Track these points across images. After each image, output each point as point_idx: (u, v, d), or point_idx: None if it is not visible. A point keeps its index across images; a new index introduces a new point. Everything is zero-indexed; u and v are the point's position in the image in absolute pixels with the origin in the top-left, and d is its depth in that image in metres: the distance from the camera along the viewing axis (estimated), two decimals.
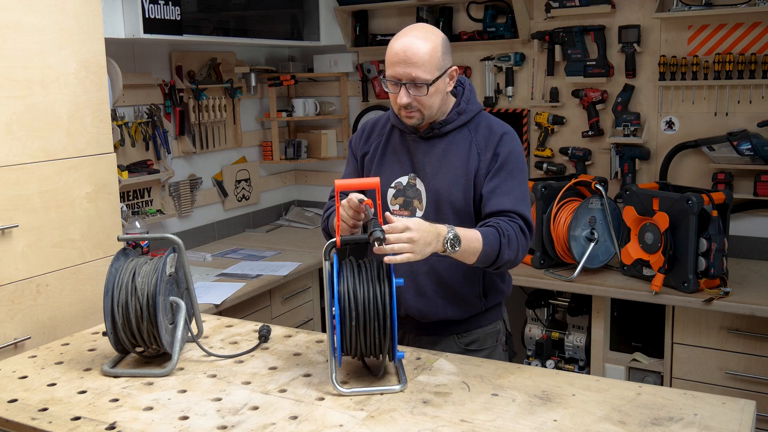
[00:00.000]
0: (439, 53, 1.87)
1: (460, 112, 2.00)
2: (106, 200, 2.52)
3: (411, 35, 1.88)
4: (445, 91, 1.94)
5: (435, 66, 1.87)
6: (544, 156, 3.82)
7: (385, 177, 2.02)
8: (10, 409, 1.63)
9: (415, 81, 1.86)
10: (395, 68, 1.87)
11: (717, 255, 2.84)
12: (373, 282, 1.63)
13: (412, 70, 1.85)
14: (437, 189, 1.97)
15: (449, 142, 1.99)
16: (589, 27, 3.57)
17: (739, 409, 1.54)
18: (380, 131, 2.11)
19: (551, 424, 1.50)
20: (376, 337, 1.63)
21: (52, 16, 2.30)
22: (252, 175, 4.26)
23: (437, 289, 2.00)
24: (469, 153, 1.97)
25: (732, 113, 3.35)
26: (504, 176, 1.94)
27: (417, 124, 1.96)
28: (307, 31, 4.09)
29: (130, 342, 1.83)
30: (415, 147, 2.01)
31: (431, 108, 1.92)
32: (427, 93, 1.88)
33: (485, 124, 2.02)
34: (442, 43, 1.90)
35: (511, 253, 1.85)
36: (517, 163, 1.97)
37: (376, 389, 1.65)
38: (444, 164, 1.97)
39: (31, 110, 2.25)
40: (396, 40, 1.89)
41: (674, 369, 2.98)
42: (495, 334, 2.14)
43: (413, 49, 1.85)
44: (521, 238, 1.89)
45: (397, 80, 1.88)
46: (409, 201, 2.01)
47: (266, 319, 3.31)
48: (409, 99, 1.88)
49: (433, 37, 1.89)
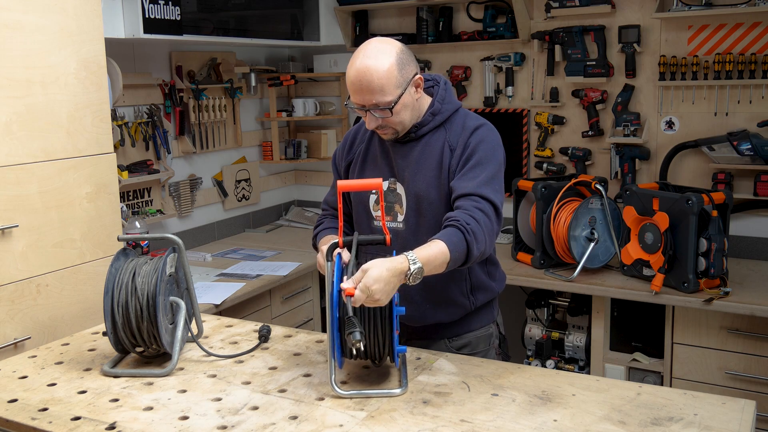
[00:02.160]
0: (395, 71, 1.80)
1: (434, 113, 1.96)
2: (106, 200, 2.52)
3: (364, 58, 1.80)
4: (413, 102, 1.89)
5: (394, 85, 1.81)
6: (544, 156, 3.82)
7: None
8: (10, 409, 1.64)
9: (378, 105, 1.82)
10: (356, 96, 1.83)
11: (717, 255, 2.84)
12: None
13: (372, 97, 1.80)
14: (416, 192, 1.95)
15: (425, 143, 1.96)
16: (589, 27, 3.57)
17: (739, 409, 1.54)
18: (362, 138, 2.08)
19: (551, 424, 1.50)
20: (376, 338, 1.63)
21: (52, 16, 2.30)
22: (252, 175, 4.26)
23: (424, 294, 1.98)
24: (442, 152, 1.94)
25: (732, 113, 3.35)
26: (471, 164, 1.89)
27: (393, 138, 1.94)
28: (307, 31, 4.09)
29: (130, 342, 1.83)
30: (394, 151, 1.98)
31: (402, 123, 1.89)
32: (393, 113, 1.84)
33: (460, 122, 1.97)
34: (397, 59, 1.81)
35: (480, 246, 1.77)
36: (486, 151, 1.91)
37: (376, 392, 1.65)
38: (420, 167, 1.95)
39: (31, 110, 2.25)
40: (351, 67, 1.82)
41: (674, 369, 2.98)
42: (487, 338, 2.11)
43: (368, 76, 1.78)
44: (486, 224, 1.80)
45: (360, 106, 1.85)
46: (390, 206, 1.99)
47: (266, 319, 3.31)
48: (376, 122, 1.86)
49: (387, 55, 1.80)
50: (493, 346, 2.13)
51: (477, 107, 3.97)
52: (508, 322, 3.58)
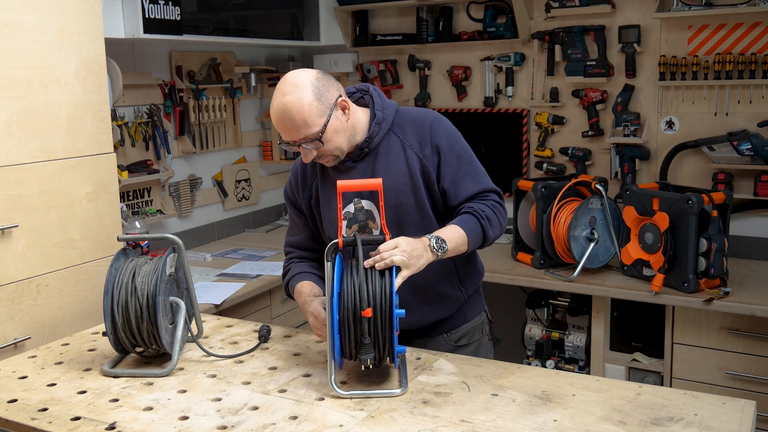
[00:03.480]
0: (314, 102, 1.78)
1: (379, 122, 1.92)
2: (106, 200, 2.52)
3: (281, 97, 1.78)
4: (345, 123, 1.86)
5: (316, 115, 1.78)
6: (544, 156, 3.82)
7: (333, 212, 1.94)
8: (10, 409, 1.63)
9: (306, 139, 1.80)
10: (283, 135, 1.82)
11: (717, 255, 2.84)
12: (373, 284, 1.62)
13: (298, 133, 1.79)
14: (388, 203, 1.88)
15: (383, 153, 1.93)
16: (589, 27, 3.57)
17: (739, 409, 1.54)
18: (312, 170, 2.02)
19: (551, 424, 1.50)
20: (376, 339, 1.63)
21: (52, 16, 2.30)
22: (252, 175, 4.26)
23: (418, 297, 1.97)
24: (406, 156, 1.91)
25: (732, 113, 3.35)
26: (455, 163, 1.92)
27: (337, 163, 1.91)
28: (307, 31, 4.09)
29: (130, 342, 1.83)
30: (353, 172, 1.93)
31: (339, 149, 1.86)
32: (324, 142, 1.81)
33: (407, 120, 1.95)
34: (313, 88, 1.79)
35: (496, 230, 1.89)
36: (458, 143, 1.95)
37: (376, 392, 1.65)
38: (387, 176, 1.89)
39: (31, 110, 2.25)
40: (272, 108, 1.81)
41: (674, 369, 2.98)
42: (480, 326, 2.14)
43: (288, 113, 1.77)
44: (498, 210, 1.92)
45: (292, 143, 1.83)
46: (363, 225, 1.94)
47: (266, 319, 3.31)
48: (312, 155, 1.84)
49: (301, 88, 1.78)
50: (485, 333, 2.17)
51: (477, 107, 3.97)
52: (509, 322, 3.59)
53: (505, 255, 3.47)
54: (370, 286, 1.61)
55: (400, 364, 1.75)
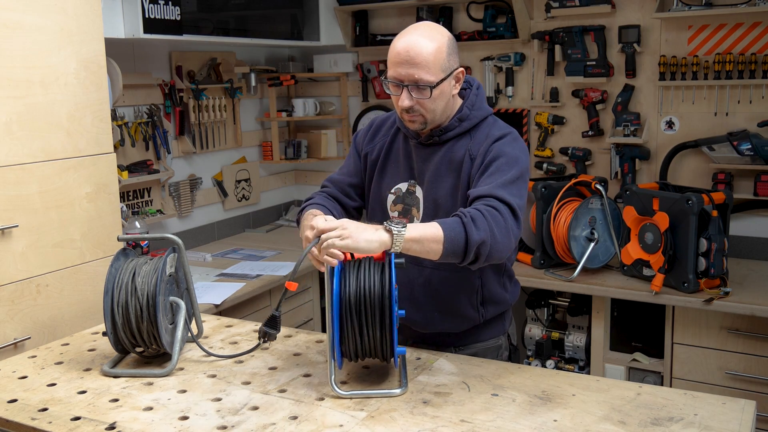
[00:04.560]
0: (444, 54, 1.76)
1: (462, 119, 1.88)
2: (106, 200, 2.52)
3: (415, 33, 1.76)
4: (450, 94, 1.83)
5: (440, 67, 1.75)
6: (544, 156, 3.82)
7: (385, 182, 1.97)
8: (10, 409, 1.63)
9: (417, 83, 1.75)
10: (397, 69, 1.76)
11: (717, 255, 2.84)
12: (373, 283, 1.62)
13: (415, 72, 1.74)
14: (434, 198, 1.89)
15: (448, 150, 1.89)
16: (589, 27, 3.57)
17: (739, 409, 1.54)
18: (386, 132, 2.02)
19: (551, 424, 1.50)
20: (376, 338, 1.63)
21: (52, 16, 2.30)
22: (252, 175, 4.26)
23: (433, 302, 1.94)
24: (463, 160, 1.87)
25: (732, 113, 3.35)
26: (490, 173, 1.79)
27: (419, 129, 1.86)
28: (307, 31, 4.09)
29: (130, 342, 1.83)
30: (416, 153, 1.93)
31: (434, 112, 1.81)
32: (431, 96, 1.76)
33: (486, 131, 1.89)
34: (448, 44, 1.78)
35: (482, 233, 1.63)
36: (507, 160, 1.80)
37: (376, 392, 1.65)
38: (441, 173, 1.89)
39: (31, 110, 2.25)
40: (399, 39, 1.77)
41: (674, 369, 2.98)
42: (495, 349, 2.05)
43: (417, 48, 1.73)
44: (495, 216, 1.67)
45: (399, 81, 1.77)
46: (407, 208, 1.94)
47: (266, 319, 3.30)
48: (411, 102, 1.78)
49: (439, 36, 1.77)
50: (502, 358, 2.06)
51: None
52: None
53: None
54: (369, 284, 1.61)
55: (400, 364, 1.75)
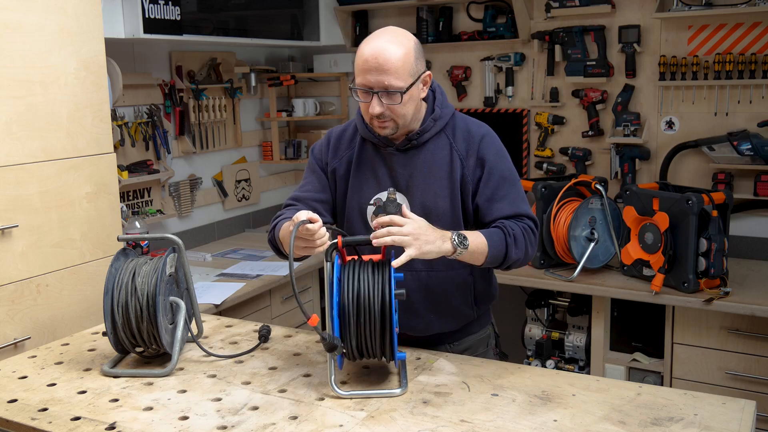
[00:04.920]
0: (412, 58, 1.76)
1: (436, 118, 1.89)
2: (106, 200, 2.52)
3: (382, 39, 1.75)
4: (418, 98, 1.83)
5: (408, 72, 1.75)
6: (544, 156, 3.82)
7: (362, 194, 1.93)
8: (10, 409, 1.63)
9: (387, 89, 1.74)
10: (366, 76, 1.74)
11: (717, 255, 2.84)
12: (373, 283, 1.62)
13: (385, 78, 1.73)
14: (423, 202, 1.88)
15: (429, 151, 1.89)
16: (589, 27, 3.57)
17: (739, 409, 1.54)
18: (349, 144, 1.97)
19: (551, 424, 1.50)
20: (376, 339, 1.63)
21: (52, 16, 2.30)
22: (252, 175, 4.26)
23: (429, 305, 1.94)
24: (451, 161, 1.88)
25: (732, 113, 3.35)
26: (496, 181, 1.87)
27: (390, 134, 1.85)
28: (307, 31, 4.09)
29: (130, 342, 1.83)
30: (393, 160, 1.90)
31: (405, 117, 1.81)
32: (401, 101, 1.76)
33: (462, 127, 1.92)
34: (415, 48, 1.78)
35: (519, 252, 1.81)
36: (505, 163, 1.90)
37: (376, 392, 1.65)
38: (427, 176, 1.88)
39: (31, 110, 2.25)
40: (365, 46, 1.76)
41: (674, 369, 2.98)
42: (486, 339, 2.10)
43: (385, 55, 1.72)
44: (529, 235, 1.85)
45: (368, 89, 1.76)
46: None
47: (266, 319, 3.31)
48: (381, 108, 1.76)
49: (406, 41, 1.77)
50: (491, 347, 2.13)
51: (477, 107, 3.97)
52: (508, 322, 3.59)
53: None
54: (370, 285, 1.61)
55: (399, 365, 1.75)
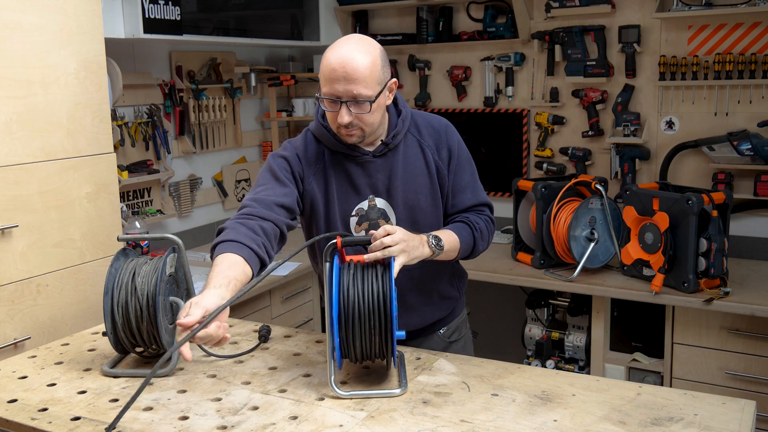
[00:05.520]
0: (379, 66, 1.75)
1: (404, 119, 1.91)
2: (106, 200, 2.52)
3: (347, 48, 1.72)
4: (385, 105, 1.83)
5: (376, 80, 1.74)
6: (544, 156, 3.82)
7: (345, 206, 1.91)
8: (10, 409, 1.63)
9: (356, 98, 1.72)
10: (334, 85, 1.72)
11: (717, 255, 2.84)
12: (372, 284, 1.62)
13: (354, 87, 1.71)
14: (405, 201, 1.90)
15: (401, 152, 1.91)
16: (589, 27, 3.57)
17: (739, 409, 1.54)
18: (316, 157, 1.91)
19: (551, 424, 1.50)
20: (375, 339, 1.62)
21: (52, 16, 2.31)
22: (252, 175, 4.26)
23: (423, 299, 2.00)
24: (424, 156, 1.92)
25: (732, 113, 3.35)
26: (461, 171, 1.96)
27: (357, 142, 1.84)
28: (307, 31, 4.09)
29: (130, 342, 1.83)
30: (371, 167, 1.89)
31: (372, 125, 1.80)
32: (370, 110, 1.75)
33: (424, 123, 1.96)
34: (380, 56, 1.77)
35: (484, 244, 1.95)
36: (465, 153, 1.99)
37: (376, 392, 1.64)
38: (407, 175, 1.90)
39: (31, 110, 2.25)
40: (331, 54, 1.72)
41: (674, 369, 2.98)
42: (465, 321, 2.20)
43: (353, 64, 1.70)
44: (490, 226, 1.98)
45: (336, 98, 1.73)
46: (374, 224, 1.90)
47: (266, 319, 3.31)
48: (350, 118, 1.74)
49: (372, 48, 1.75)
50: (468, 328, 2.22)
51: (477, 107, 3.97)
52: (508, 322, 3.59)
53: (505, 255, 3.47)
54: (369, 285, 1.61)
55: (399, 364, 1.75)
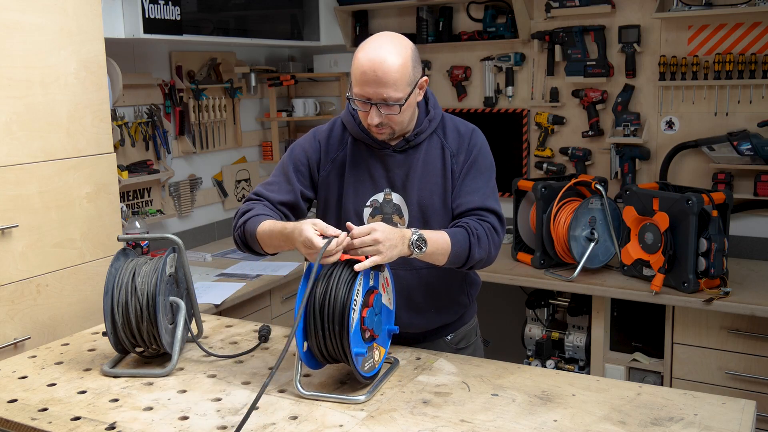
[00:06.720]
0: (410, 68, 1.76)
1: (430, 119, 1.92)
2: (106, 200, 2.52)
3: (380, 49, 1.73)
4: (415, 103, 1.86)
5: (406, 82, 1.76)
6: (544, 156, 3.82)
7: (359, 196, 1.92)
8: (10, 409, 1.63)
9: (387, 101, 1.74)
10: (365, 88, 1.74)
11: (717, 255, 2.84)
12: (335, 287, 1.60)
13: (384, 91, 1.73)
14: (420, 201, 1.90)
15: (424, 151, 1.91)
16: (589, 27, 3.57)
17: (739, 409, 1.54)
18: (339, 144, 1.95)
19: (551, 424, 1.50)
20: (331, 342, 1.61)
21: (52, 16, 2.31)
22: (252, 175, 4.26)
23: (430, 301, 1.97)
24: (444, 158, 1.91)
25: (732, 113, 3.35)
26: (473, 173, 1.91)
27: (387, 139, 1.87)
28: (307, 31, 4.09)
29: (130, 342, 1.83)
30: (390, 161, 1.90)
31: (402, 123, 1.83)
32: (400, 111, 1.77)
33: (452, 126, 1.96)
34: (412, 56, 1.78)
35: (482, 252, 1.81)
36: (484, 159, 1.94)
37: (337, 396, 1.62)
38: (424, 175, 1.90)
39: (31, 110, 2.25)
40: (363, 57, 1.74)
41: (674, 369, 2.98)
42: (475, 329, 2.15)
43: (383, 67, 1.71)
44: (492, 235, 1.85)
45: (366, 100, 1.76)
46: (388, 218, 1.92)
47: (266, 319, 3.31)
48: (380, 119, 1.77)
49: (404, 50, 1.77)
50: (478, 335, 2.18)
51: (477, 107, 3.97)
52: (508, 322, 3.59)
53: (505, 255, 3.47)
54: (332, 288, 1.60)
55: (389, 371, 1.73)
